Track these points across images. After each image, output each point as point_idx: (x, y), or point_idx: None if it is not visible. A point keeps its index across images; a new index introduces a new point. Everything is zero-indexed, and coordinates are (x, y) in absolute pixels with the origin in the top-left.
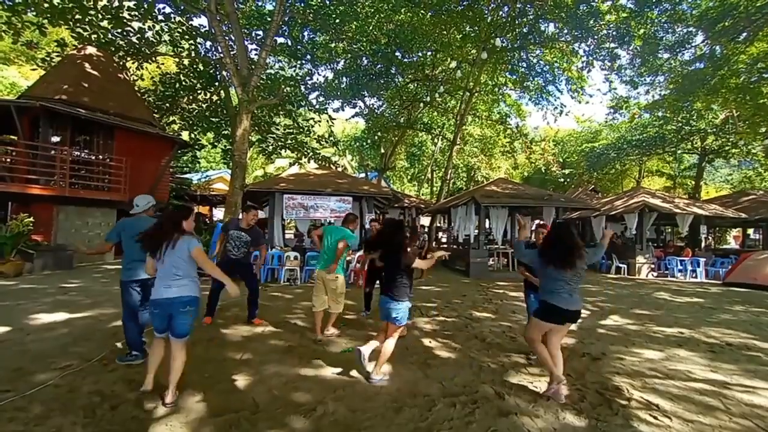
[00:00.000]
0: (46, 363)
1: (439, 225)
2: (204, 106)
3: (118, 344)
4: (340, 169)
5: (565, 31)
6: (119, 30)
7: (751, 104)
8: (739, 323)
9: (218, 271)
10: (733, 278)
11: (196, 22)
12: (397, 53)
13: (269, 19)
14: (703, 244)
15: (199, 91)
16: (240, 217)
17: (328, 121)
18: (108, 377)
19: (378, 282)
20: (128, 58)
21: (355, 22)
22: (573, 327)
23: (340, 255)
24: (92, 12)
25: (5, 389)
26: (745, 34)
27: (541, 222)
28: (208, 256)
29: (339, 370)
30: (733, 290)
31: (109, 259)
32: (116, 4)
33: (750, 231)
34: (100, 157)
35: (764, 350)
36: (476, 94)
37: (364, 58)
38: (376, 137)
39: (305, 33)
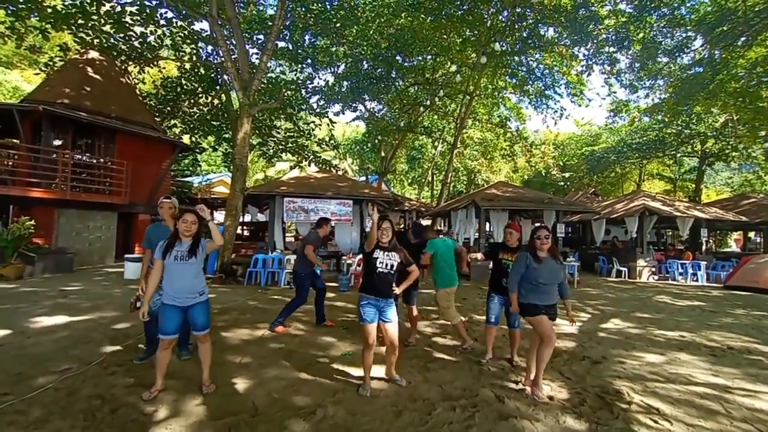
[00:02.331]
0: (46, 366)
1: (439, 228)
2: (205, 109)
3: (111, 348)
4: (340, 173)
5: (565, 35)
6: (121, 34)
7: (751, 108)
8: (740, 327)
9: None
10: (735, 281)
11: (197, 26)
12: (398, 57)
13: (270, 23)
14: (703, 248)
15: (200, 95)
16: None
17: (328, 124)
18: (108, 380)
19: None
20: (130, 63)
21: (355, 27)
22: (573, 330)
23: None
24: (95, 17)
25: (5, 393)
26: (743, 38)
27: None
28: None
29: (339, 373)
30: (735, 294)
31: (110, 262)
32: (119, 9)
33: (751, 234)
34: (102, 160)
35: (766, 354)
36: (476, 98)
37: (364, 62)
38: (376, 140)
39: (306, 37)
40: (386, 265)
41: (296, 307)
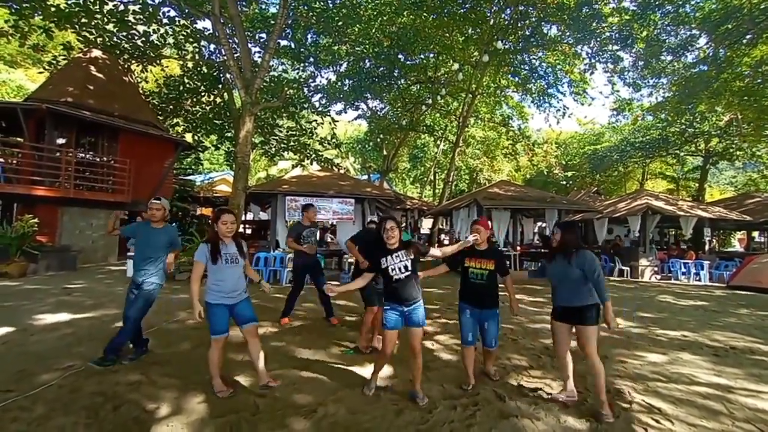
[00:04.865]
0: (49, 363)
1: (441, 227)
2: (207, 108)
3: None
4: (342, 171)
5: (568, 33)
6: (124, 33)
7: (756, 107)
8: (743, 327)
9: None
10: (738, 281)
11: (200, 25)
12: (400, 56)
13: (273, 22)
14: (707, 247)
15: (202, 94)
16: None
17: (330, 123)
18: (110, 378)
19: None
20: (133, 61)
21: (357, 25)
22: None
23: None
24: (98, 16)
25: (8, 389)
26: (749, 36)
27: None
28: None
29: (340, 372)
30: (738, 293)
31: (113, 260)
32: (122, 7)
33: (755, 234)
34: (105, 158)
35: None
36: (478, 96)
37: (366, 61)
38: (378, 139)
39: (308, 36)
40: (400, 269)
41: (294, 298)
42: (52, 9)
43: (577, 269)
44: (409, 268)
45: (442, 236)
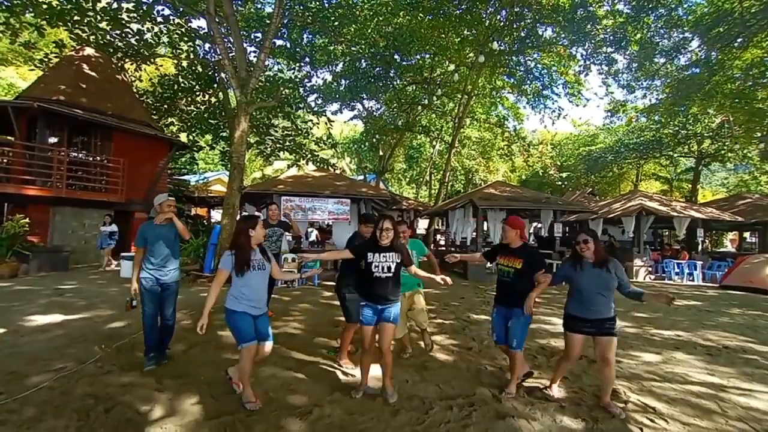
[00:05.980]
0: (41, 365)
1: (437, 227)
2: (202, 107)
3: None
4: (338, 172)
5: (563, 35)
6: (118, 31)
7: (747, 109)
8: (735, 326)
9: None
10: (730, 281)
11: (194, 24)
12: (396, 56)
13: (268, 21)
14: (699, 247)
15: (197, 93)
16: (263, 216)
17: (326, 123)
18: (103, 380)
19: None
20: (127, 60)
21: (353, 25)
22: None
23: None
24: (91, 13)
25: None
26: (740, 39)
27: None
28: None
29: (336, 373)
30: (730, 293)
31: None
32: (115, 5)
33: (746, 234)
34: (98, 158)
35: (761, 353)
36: (474, 97)
37: (362, 61)
38: (374, 139)
39: (304, 35)
40: (382, 268)
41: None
42: (44, 6)
43: (615, 278)
44: (392, 270)
45: (438, 236)
